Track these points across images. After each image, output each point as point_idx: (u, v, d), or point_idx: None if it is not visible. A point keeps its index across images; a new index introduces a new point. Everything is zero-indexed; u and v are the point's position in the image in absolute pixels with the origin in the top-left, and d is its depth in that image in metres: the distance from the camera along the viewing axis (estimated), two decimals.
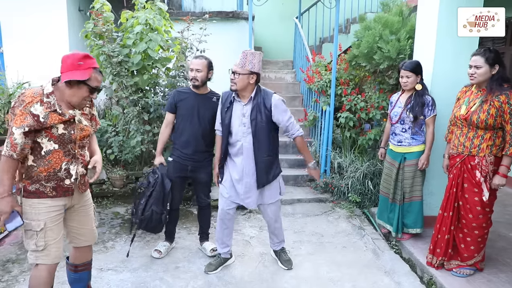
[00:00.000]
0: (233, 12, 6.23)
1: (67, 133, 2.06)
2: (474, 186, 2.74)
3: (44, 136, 2.01)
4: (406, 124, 3.29)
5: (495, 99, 2.60)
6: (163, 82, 4.33)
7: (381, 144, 3.74)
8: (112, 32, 4.02)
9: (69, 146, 2.09)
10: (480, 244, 2.84)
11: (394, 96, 3.48)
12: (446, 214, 2.91)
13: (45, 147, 2.03)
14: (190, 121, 3.06)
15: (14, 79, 4.40)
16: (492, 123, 2.61)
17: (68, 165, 2.11)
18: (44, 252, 2.07)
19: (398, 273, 3.08)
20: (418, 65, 3.23)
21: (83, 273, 2.42)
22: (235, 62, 2.71)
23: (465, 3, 3.10)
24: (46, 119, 1.97)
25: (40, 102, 1.97)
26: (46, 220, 2.06)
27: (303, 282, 2.94)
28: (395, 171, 3.39)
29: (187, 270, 3.08)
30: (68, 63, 1.98)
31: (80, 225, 2.29)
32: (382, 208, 3.65)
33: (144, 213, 3.00)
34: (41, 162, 2.04)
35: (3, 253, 3.21)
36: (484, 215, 2.76)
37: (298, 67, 6.79)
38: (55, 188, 2.09)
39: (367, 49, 4.60)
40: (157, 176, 3.07)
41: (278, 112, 2.76)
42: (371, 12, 6.98)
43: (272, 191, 2.94)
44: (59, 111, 2.01)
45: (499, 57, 2.65)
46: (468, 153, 2.74)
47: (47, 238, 2.06)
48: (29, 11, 5.44)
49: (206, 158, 3.18)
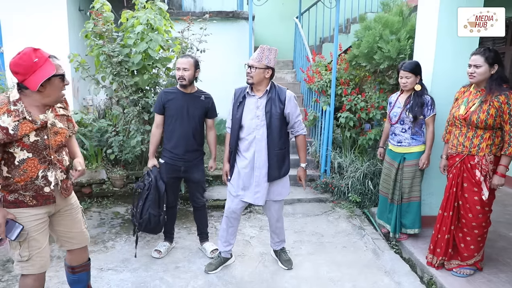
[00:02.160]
0: (233, 12, 6.24)
1: (39, 139, 1.93)
2: (473, 186, 2.74)
3: (16, 146, 1.87)
4: (406, 124, 3.29)
5: (494, 99, 2.60)
6: (164, 82, 4.33)
7: (380, 144, 3.75)
8: (112, 32, 4.02)
9: (44, 153, 1.96)
10: (479, 243, 2.85)
11: (393, 96, 3.48)
12: (446, 214, 2.91)
13: (18, 157, 1.89)
14: (179, 121, 3.06)
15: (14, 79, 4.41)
16: (492, 123, 2.62)
17: (45, 172, 1.98)
18: (29, 262, 1.99)
19: (398, 273, 3.08)
20: (417, 65, 3.22)
21: (81, 274, 2.37)
22: (252, 56, 2.77)
23: (465, 3, 3.10)
24: (16, 131, 1.83)
25: (7, 112, 1.82)
26: (28, 229, 1.97)
27: (303, 282, 2.94)
28: (394, 171, 3.39)
29: (187, 270, 3.08)
30: (25, 67, 1.80)
31: (68, 229, 2.20)
32: (382, 208, 3.65)
33: (142, 216, 3.01)
34: (15, 172, 1.91)
35: (3, 253, 3.21)
36: (484, 214, 2.77)
37: (298, 67, 6.79)
38: (35, 197, 1.98)
39: (367, 49, 4.60)
40: (150, 179, 3.06)
41: (291, 105, 2.81)
42: (371, 12, 6.97)
43: (280, 188, 2.94)
44: (29, 118, 1.87)
45: (498, 57, 2.65)
46: (468, 153, 2.74)
47: (30, 248, 1.98)
48: (29, 11, 5.44)
49: (197, 157, 3.18)
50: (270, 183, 2.88)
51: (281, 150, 2.85)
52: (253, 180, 2.86)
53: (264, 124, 2.78)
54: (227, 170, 2.99)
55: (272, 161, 2.82)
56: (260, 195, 2.88)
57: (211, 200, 4.43)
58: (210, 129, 3.26)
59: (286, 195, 3.02)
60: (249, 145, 2.83)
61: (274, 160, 2.82)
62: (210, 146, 3.31)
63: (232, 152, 2.92)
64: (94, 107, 5.68)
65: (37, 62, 1.81)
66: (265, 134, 2.79)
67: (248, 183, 2.88)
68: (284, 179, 2.96)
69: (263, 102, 2.79)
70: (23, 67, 1.81)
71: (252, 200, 2.90)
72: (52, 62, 1.87)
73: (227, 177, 3.00)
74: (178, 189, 3.36)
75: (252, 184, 2.87)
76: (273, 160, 2.82)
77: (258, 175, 2.84)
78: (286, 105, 2.80)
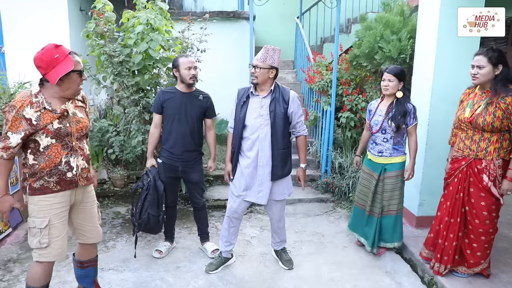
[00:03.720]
0: (234, 12, 6.24)
1: (62, 126, 2.08)
2: (480, 191, 2.64)
3: (41, 133, 2.03)
4: (388, 134, 3.13)
5: (500, 101, 2.50)
6: (164, 82, 4.33)
7: (357, 152, 3.55)
8: (113, 32, 4.02)
9: (67, 139, 2.12)
10: (486, 250, 2.76)
11: (373, 104, 3.30)
12: (453, 220, 2.79)
13: (42, 144, 2.05)
14: (178, 120, 3.06)
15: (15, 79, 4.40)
16: (499, 125, 2.51)
17: (68, 157, 2.13)
18: (47, 249, 2.11)
19: (399, 273, 3.07)
20: (402, 71, 3.07)
21: (89, 269, 2.47)
22: (256, 56, 2.77)
23: (466, 3, 3.09)
24: (39, 121, 2.01)
25: (29, 104, 2.00)
26: (50, 217, 2.09)
27: (304, 282, 2.94)
28: (374, 183, 3.22)
29: (188, 269, 3.08)
30: (46, 62, 1.96)
31: (85, 221, 2.33)
32: (356, 220, 3.45)
33: (141, 216, 3.01)
34: (41, 158, 2.07)
35: (5, 253, 3.22)
36: (491, 220, 2.67)
37: (299, 67, 6.79)
38: (59, 182, 2.12)
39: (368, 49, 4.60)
40: (149, 180, 3.06)
41: (294, 105, 2.83)
42: (372, 12, 6.96)
43: (283, 188, 2.94)
44: (49, 108, 2.03)
45: (503, 57, 2.54)
46: (475, 157, 2.63)
47: (50, 235, 2.10)
48: (31, 10, 5.45)
49: (195, 157, 3.18)
50: (273, 182, 2.88)
51: (284, 150, 2.85)
52: (256, 179, 2.86)
53: (268, 123, 2.79)
54: (229, 170, 2.98)
55: (275, 160, 2.83)
56: (263, 194, 2.88)
57: (212, 200, 4.43)
58: (209, 129, 3.26)
59: (288, 194, 3.02)
60: (252, 144, 2.83)
61: (278, 159, 2.83)
62: (210, 146, 3.31)
63: (234, 152, 2.92)
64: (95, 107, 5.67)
65: (58, 58, 1.97)
66: (269, 133, 2.80)
67: (251, 183, 2.88)
68: (286, 179, 2.96)
69: (267, 102, 2.80)
70: (45, 62, 1.96)
71: (255, 199, 2.90)
72: (71, 59, 2.02)
73: (229, 177, 3.00)
74: (177, 189, 3.36)
75: (255, 183, 2.87)
76: (277, 159, 2.83)
77: (262, 174, 2.84)
78: (290, 104, 2.80)
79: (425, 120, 3.46)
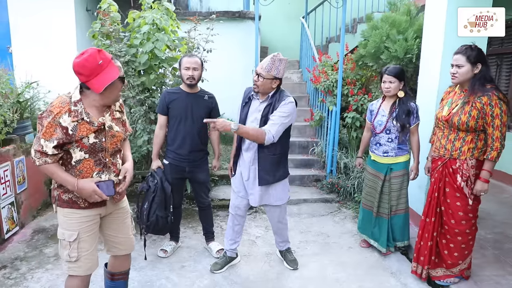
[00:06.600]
0: (240, 12, 6.24)
1: (98, 141, 1.95)
2: (455, 191, 2.62)
3: (76, 147, 1.90)
4: (393, 134, 3.12)
5: (477, 100, 2.46)
6: (170, 82, 4.34)
7: (359, 154, 3.54)
8: (119, 32, 4.04)
9: (100, 155, 1.98)
10: (464, 251, 2.72)
11: (374, 104, 3.28)
12: (428, 219, 2.79)
13: (75, 157, 1.93)
14: (184, 121, 3.05)
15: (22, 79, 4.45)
16: (474, 125, 2.48)
17: (100, 174, 2.00)
18: (77, 263, 2.01)
19: (405, 274, 3.06)
20: (402, 71, 3.06)
21: (119, 282, 2.36)
22: (261, 63, 2.68)
23: (473, 3, 3.06)
24: (75, 132, 1.86)
25: (68, 111, 1.85)
26: (79, 230, 1.99)
27: (309, 283, 2.94)
28: (380, 183, 3.21)
29: (193, 269, 3.09)
30: (90, 69, 1.80)
31: (116, 233, 2.21)
32: (365, 222, 3.44)
33: (149, 218, 3.00)
34: (72, 172, 1.94)
35: (12, 251, 3.25)
36: (467, 221, 2.63)
37: (304, 67, 6.78)
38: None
39: (374, 48, 4.59)
40: (156, 182, 3.05)
41: (279, 107, 2.69)
42: (378, 11, 6.94)
43: (279, 193, 2.92)
44: (87, 119, 1.90)
45: (482, 56, 2.49)
46: (450, 156, 2.62)
47: (79, 249, 2.00)
48: (37, 10, 5.49)
49: (201, 157, 3.18)
50: (266, 186, 2.85)
51: (275, 155, 2.79)
52: (248, 181, 2.88)
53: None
54: (231, 166, 3.03)
55: (262, 165, 2.80)
56: (253, 197, 2.89)
57: (217, 200, 4.44)
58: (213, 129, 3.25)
59: (286, 200, 2.99)
60: (248, 146, 2.85)
61: (265, 164, 2.79)
62: (214, 145, 3.32)
63: (237, 149, 2.95)
64: None
65: (102, 64, 1.82)
66: None
67: (245, 183, 2.91)
68: (282, 184, 2.92)
69: (263, 106, 2.77)
70: (88, 69, 1.80)
71: (248, 199, 2.94)
72: (115, 66, 1.89)
73: (231, 172, 3.03)
74: (183, 190, 3.37)
75: (248, 184, 2.89)
76: (264, 164, 2.79)
77: (252, 177, 2.85)
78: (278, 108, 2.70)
79: (431, 120, 3.43)
